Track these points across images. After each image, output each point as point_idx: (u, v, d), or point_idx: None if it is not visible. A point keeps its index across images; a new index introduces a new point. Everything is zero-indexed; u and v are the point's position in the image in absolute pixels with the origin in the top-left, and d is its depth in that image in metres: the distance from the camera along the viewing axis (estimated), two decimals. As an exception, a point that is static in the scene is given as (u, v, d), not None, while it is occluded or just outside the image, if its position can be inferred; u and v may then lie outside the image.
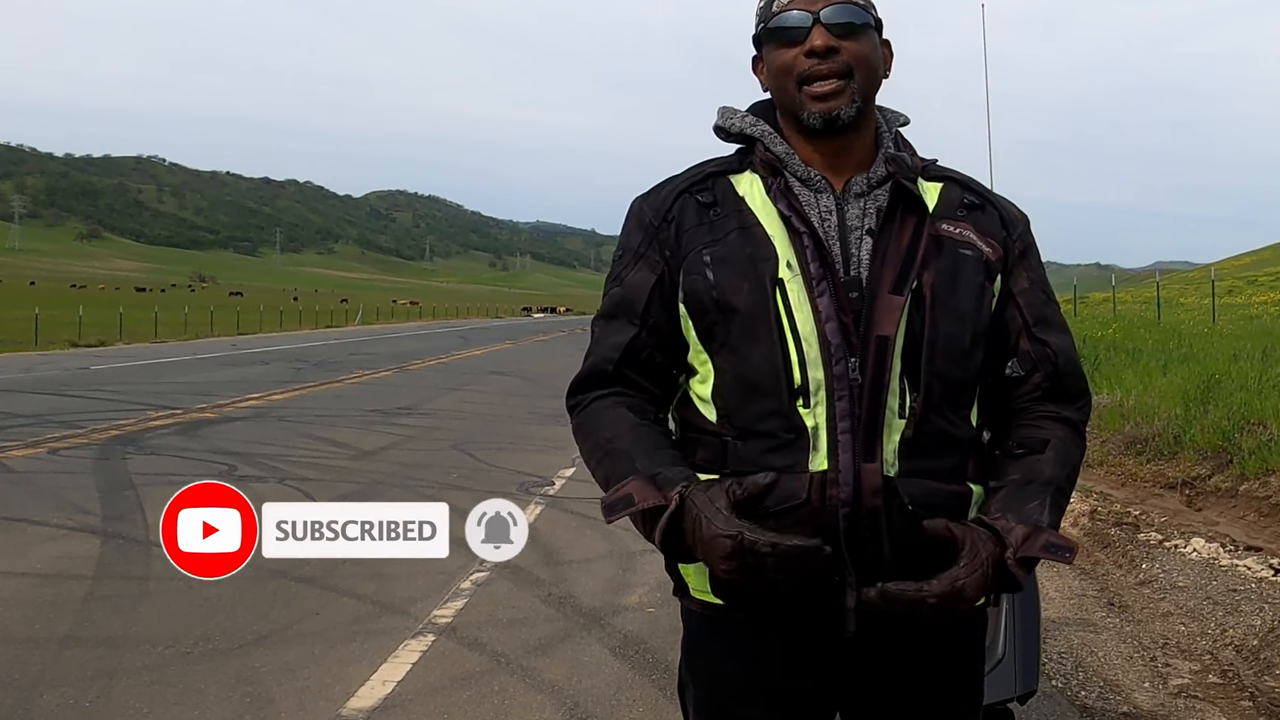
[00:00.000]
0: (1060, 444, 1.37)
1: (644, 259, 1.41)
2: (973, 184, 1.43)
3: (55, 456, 8.12)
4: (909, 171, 1.35)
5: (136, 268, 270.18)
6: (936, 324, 1.31)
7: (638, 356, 1.41)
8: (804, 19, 1.33)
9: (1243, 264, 56.70)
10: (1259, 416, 7.42)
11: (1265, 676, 3.81)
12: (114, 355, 22.10)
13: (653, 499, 1.24)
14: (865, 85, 1.34)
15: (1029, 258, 1.41)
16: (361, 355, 23.75)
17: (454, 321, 63.60)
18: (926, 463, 1.31)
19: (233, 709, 3.35)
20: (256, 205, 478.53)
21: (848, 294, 1.29)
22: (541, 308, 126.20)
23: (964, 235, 1.36)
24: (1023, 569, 1.25)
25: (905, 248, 1.31)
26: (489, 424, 11.30)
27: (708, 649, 1.42)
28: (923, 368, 1.30)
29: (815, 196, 1.36)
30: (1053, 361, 1.38)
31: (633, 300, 1.41)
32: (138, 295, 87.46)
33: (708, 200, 1.39)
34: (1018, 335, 1.39)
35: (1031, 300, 1.39)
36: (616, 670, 3.81)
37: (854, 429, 1.27)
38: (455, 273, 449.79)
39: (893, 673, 1.38)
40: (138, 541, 5.49)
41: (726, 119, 1.43)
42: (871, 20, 1.36)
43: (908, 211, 1.33)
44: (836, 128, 1.33)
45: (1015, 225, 1.41)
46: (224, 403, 12.37)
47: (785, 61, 1.35)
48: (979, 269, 1.35)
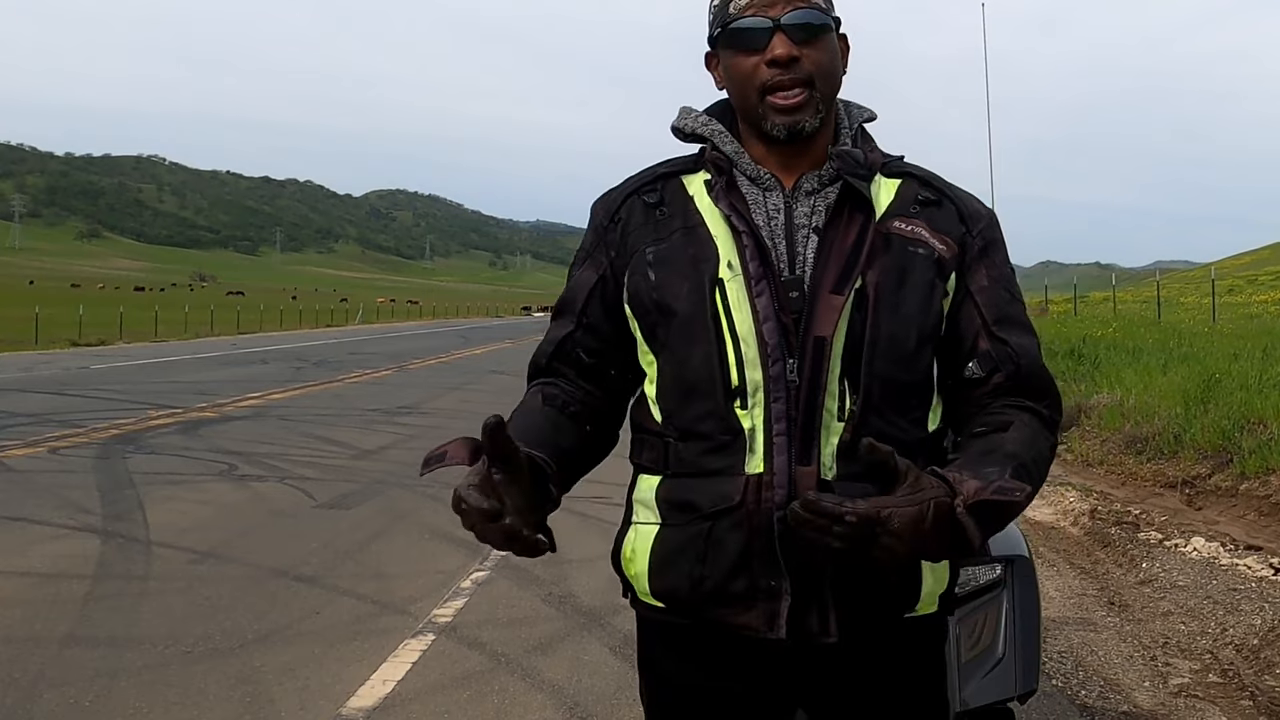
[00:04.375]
0: (1024, 428, 1.28)
1: (591, 259, 1.42)
2: (933, 180, 1.38)
3: (55, 456, 8.12)
4: (857, 168, 1.32)
5: (137, 267, 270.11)
6: (879, 324, 1.27)
7: (569, 354, 1.43)
8: (764, 25, 1.29)
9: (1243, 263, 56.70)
10: (1259, 416, 7.42)
11: (1265, 676, 3.81)
12: (114, 354, 22.09)
13: (460, 458, 1.20)
14: (826, 92, 1.32)
15: (990, 255, 1.35)
16: (362, 354, 23.76)
17: (454, 321, 63.57)
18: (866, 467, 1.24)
19: (233, 708, 3.35)
20: (256, 204, 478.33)
21: (788, 293, 1.27)
22: (542, 307, 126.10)
23: (915, 232, 1.31)
24: (976, 522, 1.13)
25: (850, 246, 1.27)
26: (489, 423, 11.30)
27: (653, 651, 1.42)
28: (862, 369, 1.26)
29: (764, 195, 1.33)
30: (1014, 361, 1.32)
31: (573, 299, 1.42)
32: (137, 294, 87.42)
33: (654, 200, 1.38)
34: (976, 335, 1.32)
35: (991, 299, 1.33)
36: (617, 670, 3.81)
37: (790, 431, 1.24)
38: (455, 272, 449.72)
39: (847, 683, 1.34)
40: (138, 541, 5.49)
41: (682, 119, 1.41)
42: (831, 21, 1.32)
43: (855, 209, 1.30)
44: (800, 138, 1.31)
45: (976, 221, 1.36)
46: (224, 402, 12.38)
47: (745, 70, 1.31)
48: (929, 267, 1.30)
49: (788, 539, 1.23)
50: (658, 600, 1.35)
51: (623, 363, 1.43)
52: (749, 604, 1.27)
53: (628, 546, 1.39)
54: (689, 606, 1.31)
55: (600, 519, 6.42)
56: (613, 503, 6.88)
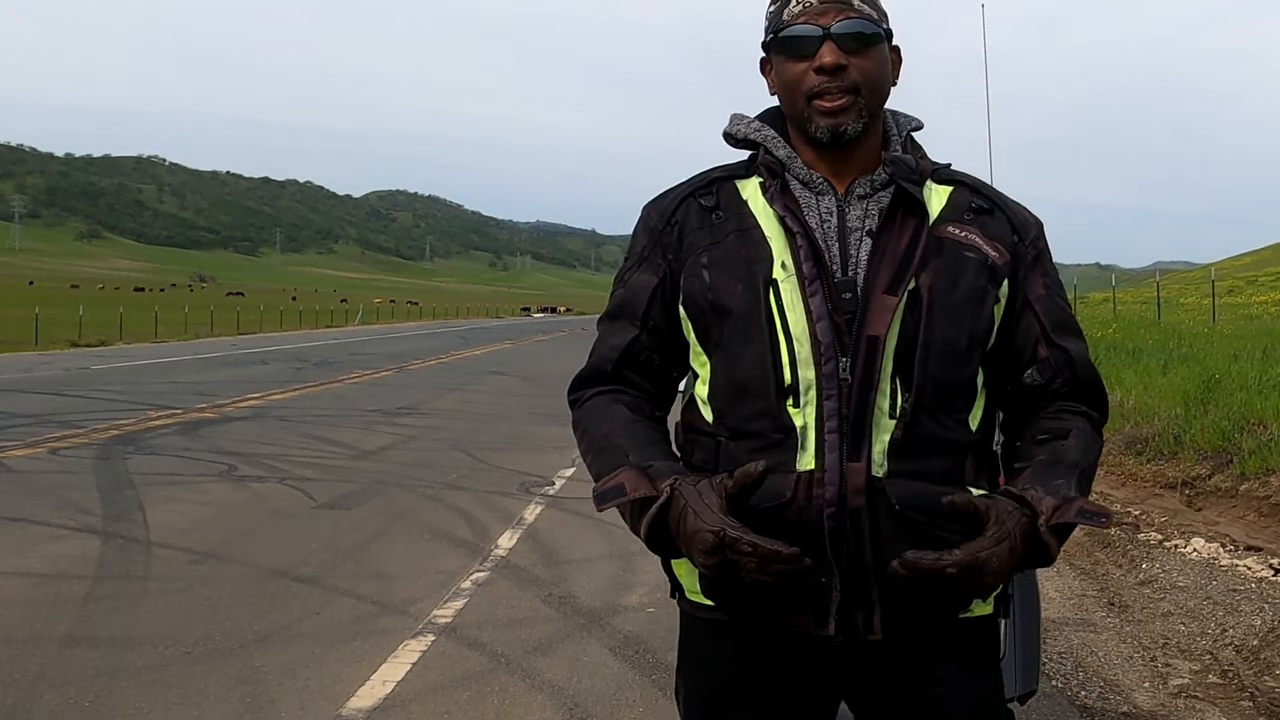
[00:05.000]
0: (1082, 434, 1.36)
1: (647, 262, 1.44)
2: (983, 188, 1.42)
3: (55, 456, 8.12)
4: (911, 174, 1.35)
5: (137, 267, 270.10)
6: (932, 326, 1.30)
7: (636, 358, 1.44)
8: (814, 33, 1.32)
9: (1243, 264, 56.69)
10: (1259, 416, 7.42)
11: (1265, 676, 3.81)
12: (114, 355, 22.09)
13: (644, 489, 1.25)
14: (872, 100, 1.34)
15: (1043, 263, 1.40)
16: (362, 355, 23.76)
17: (454, 321, 63.60)
18: (917, 464, 1.30)
19: (233, 709, 3.35)
20: (257, 205, 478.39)
21: (841, 294, 1.30)
22: (542, 307, 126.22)
23: (969, 239, 1.35)
24: (1055, 538, 1.22)
25: (904, 249, 1.31)
26: (489, 424, 11.31)
27: (699, 651, 1.43)
28: (915, 369, 1.29)
29: (816, 198, 1.37)
30: (1071, 368, 1.38)
31: (634, 302, 1.44)
32: (137, 295, 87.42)
33: (710, 204, 1.41)
34: (1035, 342, 1.38)
35: (1048, 307, 1.38)
36: (617, 670, 3.81)
37: (841, 428, 1.27)
38: (455, 273, 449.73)
39: (895, 680, 1.35)
40: (138, 541, 5.49)
41: (734, 125, 1.45)
42: (882, 31, 1.35)
43: (908, 213, 1.33)
44: (842, 142, 1.34)
45: (1027, 230, 1.40)
46: (224, 402, 12.38)
47: (794, 75, 1.35)
48: (982, 273, 1.34)
49: (837, 536, 1.27)
50: (707, 599, 1.36)
51: (682, 364, 1.47)
52: (799, 601, 1.29)
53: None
54: (739, 604, 1.33)
55: (600, 520, 6.42)
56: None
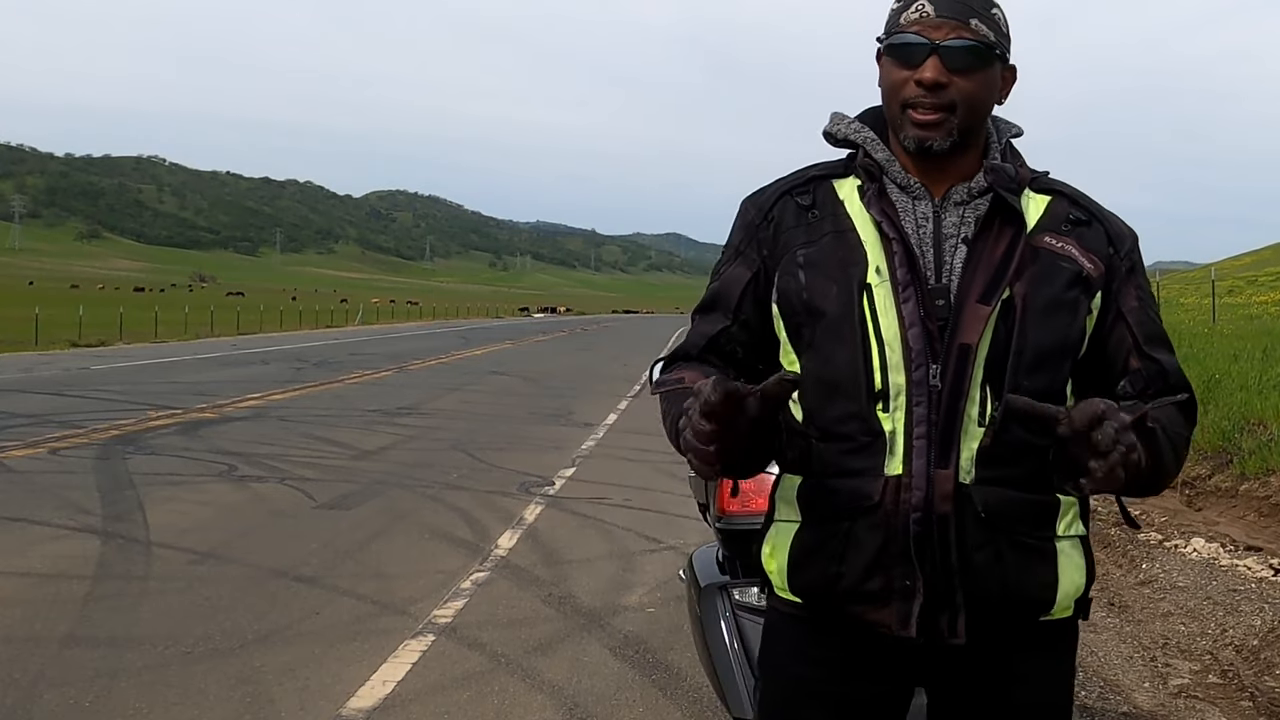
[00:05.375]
0: (1165, 409, 1.30)
1: (742, 256, 1.45)
2: (1081, 199, 1.41)
3: (55, 456, 8.12)
4: (1010, 182, 1.35)
5: (137, 267, 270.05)
6: (1025, 335, 1.30)
7: (723, 348, 1.46)
8: (923, 44, 1.32)
9: (1243, 264, 56.70)
10: (1259, 416, 7.42)
11: (1265, 676, 3.81)
12: (114, 355, 22.09)
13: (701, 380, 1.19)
14: (967, 120, 1.34)
15: (1136, 276, 1.40)
16: (362, 355, 23.75)
17: (454, 321, 63.62)
18: (1005, 471, 1.30)
19: (233, 709, 3.35)
20: (257, 205, 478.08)
21: (934, 301, 1.31)
22: (542, 307, 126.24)
23: (1065, 249, 1.35)
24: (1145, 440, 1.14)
25: (999, 258, 1.31)
26: (489, 424, 11.31)
27: (778, 648, 1.47)
28: (1006, 378, 1.30)
29: (913, 203, 1.37)
30: (1164, 378, 1.37)
31: (727, 295, 1.46)
32: (137, 295, 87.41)
33: (807, 203, 1.42)
34: (1128, 354, 1.37)
35: (1141, 319, 1.38)
36: (617, 670, 3.81)
37: (930, 434, 1.29)
38: (455, 273, 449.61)
39: (973, 682, 1.38)
40: (138, 541, 5.49)
41: (834, 124, 1.45)
42: (996, 52, 1.34)
43: (1005, 222, 1.33)
44: (929, 155, 1.35)
45: (1123, 242, 1.40)
46: (224, 403, 12.38)
47: (896, 81, 1.35)
48: (1076, 284, 1.34)
49: (923, 540, 1.29)
50: (795, 596, 1.40)
51: (769, 359, 1.47)
52: (884, 602, 1.31)
53: (768, 543, 1.45)
54: (825, 602, 1.36)
55: (600, 519, 6.43)
56: (612, 503, 6.90)
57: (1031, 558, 1.32)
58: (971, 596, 1.30)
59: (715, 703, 3.01)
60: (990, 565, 1.30)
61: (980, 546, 1.30)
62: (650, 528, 6.19)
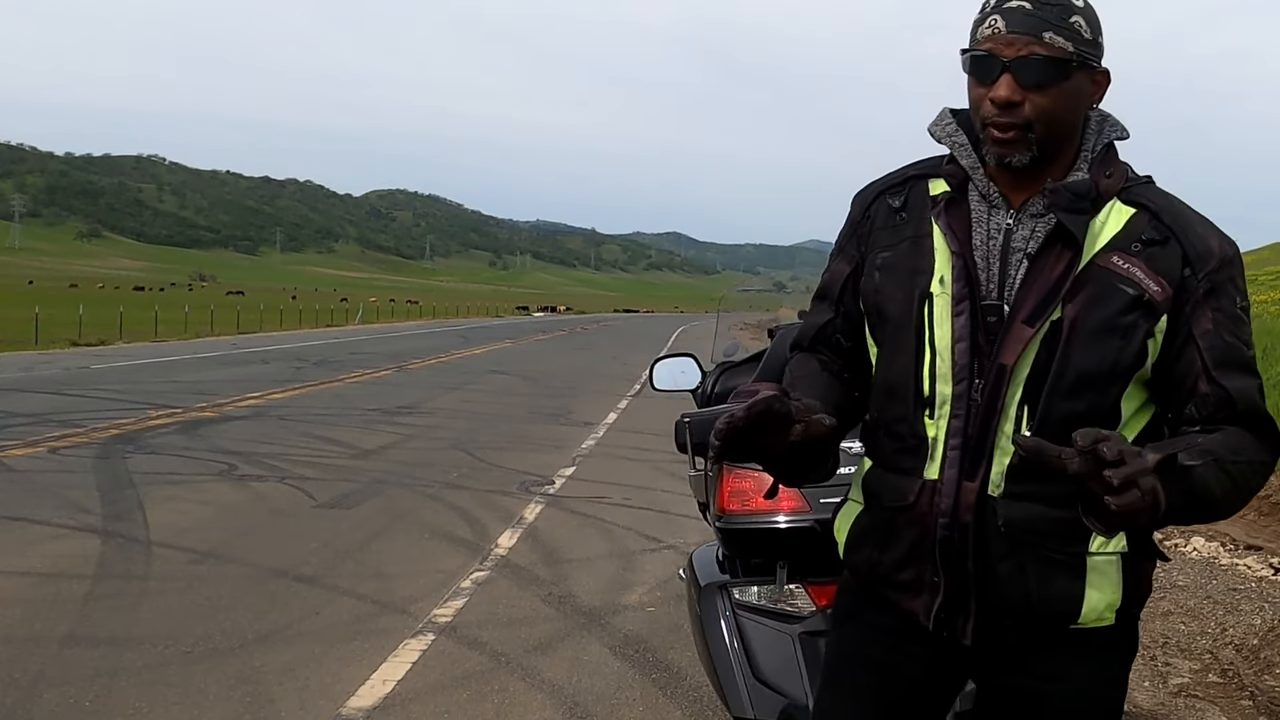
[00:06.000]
0: (1234, 435, 1.29)
1: (844, 252, 1.52)
2: (1165, 215, 1.35)
3: (55, 456, 8.12)
4: (1077, 200, 1.33)
5: (137, 267, 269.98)
6: (1068, 357, 1.31)
7: (829, 339, 1.55)
8: (993, 63, 1.31)
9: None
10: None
11: (1265, 676, 3.81)
12: (114, 354, 22.08)
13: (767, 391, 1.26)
14: (1046, 136, 1.32)
15: (1217, 298, 1.32)
16: (362, 354, 23.74)
17: (454, 320, 63.60)
18: (1036, 487, 1.31)
19: (233, 708, 3.35)
20: (257, 204, 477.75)
21: (986, 318, 1.34)
22: (541, 306, 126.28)
23: (1130, 271, 1.32)
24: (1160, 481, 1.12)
25: (1055, 279, 1.32)
26: (489, 423, 11.31)
27: (840, 609, 1.59)
28: (1042, 399, 1.31)
29: (989, 212, 1.38)
30: (1230, 407, 1.31)
31: (831, 287, 1.54)
32: (137, 294, 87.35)
33: (898, 204, 1.46)
34: (1196, 378, 1.32)
35: (1214, 343, 1.31)
36: (617, 669, 3.81)
37: (963, 446, 1.34)
38: (455, 272, 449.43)
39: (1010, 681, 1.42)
40: (138, 541, 5.49)
41: (936, 123, 1.45)
42: (1073, 63, 1.31)
43: (1065, 244, 1.33)
44: (1009, 170, 1.35)
45: (1204, 262, 1.32)
46: (224, 402, 12.38)
47: (975, 97, 1.36)
48: (1136, 307, 1.31)
49: (946, 545, 1.36)
50: (850, 570, 1.53)
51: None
52: (916, 592, 1.40)
53: (840, 517, 1.56)
54: (869, 583, 1.48)
55: (600, 519, 6.43)
56: (612, 502, 6.90)
57: (1057, 572, 1.34)
58: (992, 603, 1.36)
59: (715, 702, 3.01)
60: (1013, 576, 1.34)
61: (1004, 557, 1.34)
62: (650, 527, 6.20)
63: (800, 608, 2.48)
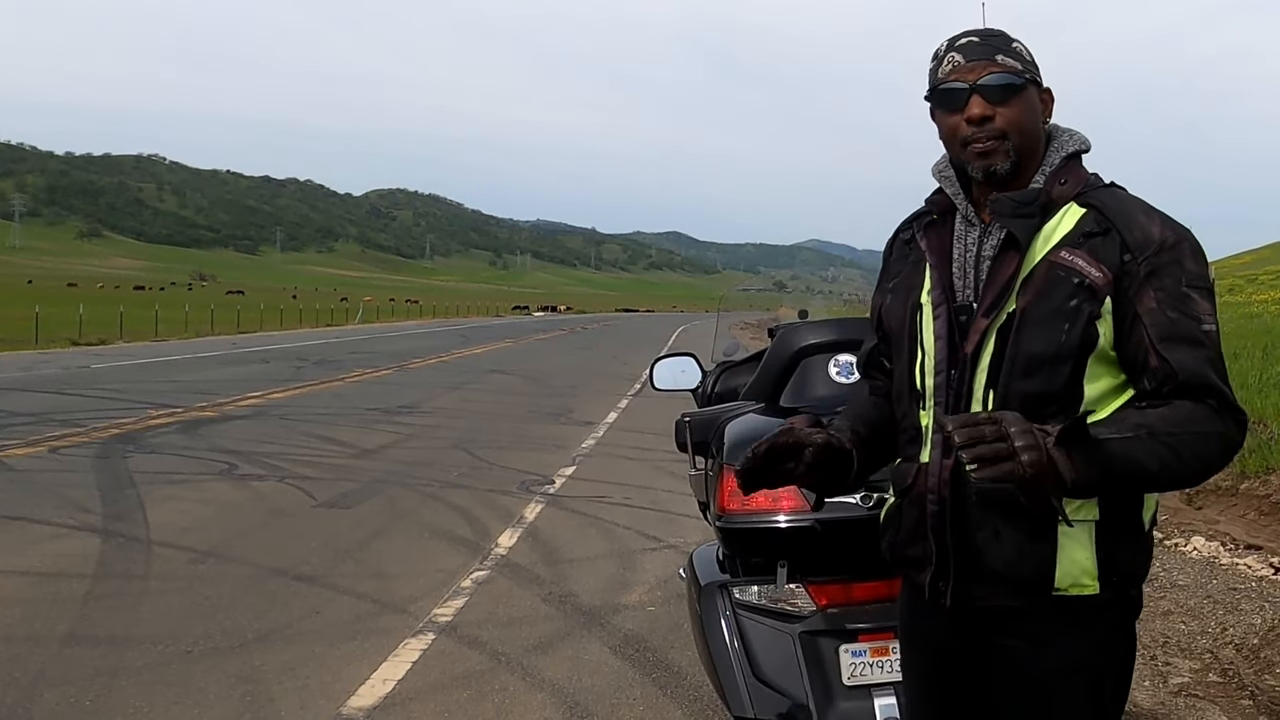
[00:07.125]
0: (1176, 409, 1.41)
1: (879, 285, 1.76)
2: (1109, 209, 1.50)
3: (55, 455, 8.12)
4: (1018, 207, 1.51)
5: (137, 266, 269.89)
6: (1020, 343, 1.48)
7: (875, 361, 1.78)
8: (962, 88, 1.53)
9: (1243, 262, 56.69)
10: (1259, 415, 7.43)
11: (1265, 675, 3.81)
12: (114, 354, 22.08)
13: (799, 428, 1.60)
14: (1020, 142, 1.53)
15: (1160, 278, 1.45)
16: (362, 354, 23.75)
17: (454, 320, 63.59)
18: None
19: (233, 708, 3.35)
20: (257, 204, 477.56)
21: (959, 317, 1.55)
22: (541, 306, 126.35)
23: (1074, 262, 1.48)
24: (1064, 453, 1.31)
25: (1007, 277, 1.51)
26: (489, 422, 11.31)
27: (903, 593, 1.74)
28: (1000, 381, 1.49)
29: (968, 231, 1.60)
30: (1174, 378, 1.43)
31: (873, 318, 1.77)
32: (137, 293, 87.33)
33: (908, 238, 1.69)
34: (1146, 352, 1.46)
35: (1157, 319, 1.44)
36: (617, 669, 3.81)
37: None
38: (456, 271, 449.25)
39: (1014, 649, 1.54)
40: (138, 540, 5.50)
41: (935, 165, 1.66)
42: (1026, 80, 1.53)
43: (1010, 246, 1.52)
44: (996, 179, 1.53)
45: (1143, 249, 1.46)
46: (224, 401, 12.38)
47: (950, 126, 1.56)
48: (1076, 293, 1.47)
49: (937, 519, 1.55)
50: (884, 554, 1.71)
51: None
52: (921, 567, 1.59)
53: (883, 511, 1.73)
54: (893, 563, 1.69)
55: (600, 519, 6.43)
56: (612, 502, 6.90)
57: (1028, 538, 1.48)
58: (975, 570, 1.52)
59: (715, 701, 3.01)
60: (990, 543, 1.50)
61: (980, 526, 1.51)
62: (650, 526, 6.20)
63: (800, 607, 2.48)
